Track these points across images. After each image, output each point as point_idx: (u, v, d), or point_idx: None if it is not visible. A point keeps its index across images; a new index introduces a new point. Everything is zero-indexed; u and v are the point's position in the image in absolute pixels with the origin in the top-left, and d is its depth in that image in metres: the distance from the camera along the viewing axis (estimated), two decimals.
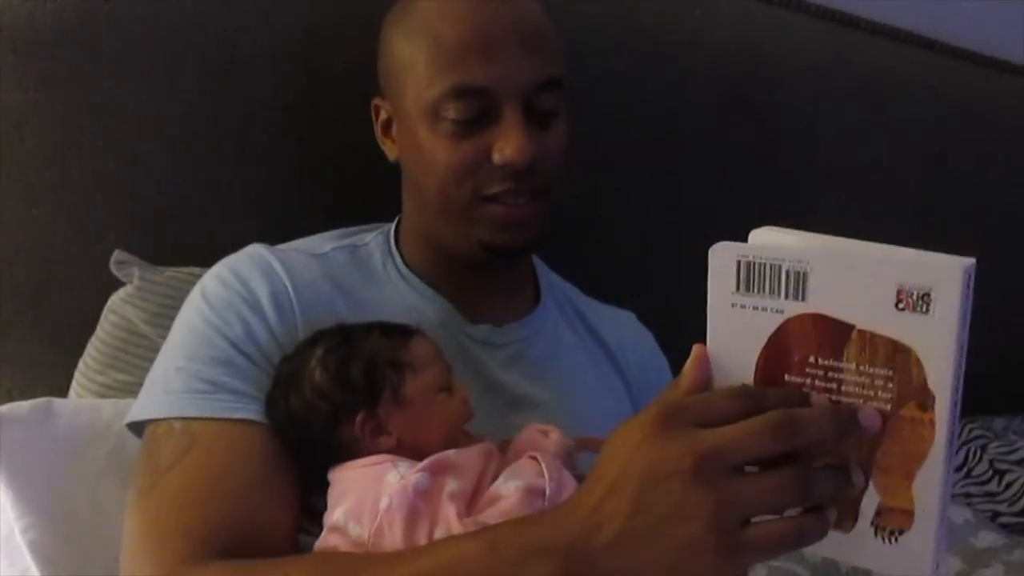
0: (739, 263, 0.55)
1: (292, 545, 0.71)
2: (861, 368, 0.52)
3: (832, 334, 0.53)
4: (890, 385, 0.52)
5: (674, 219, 1.31)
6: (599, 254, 1.21)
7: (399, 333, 0.75)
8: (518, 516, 0.62)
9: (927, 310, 0.49)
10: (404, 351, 0.73)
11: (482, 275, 0.88)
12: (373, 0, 0.88)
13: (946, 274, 0.49)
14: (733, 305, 0.55)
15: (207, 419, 0.72)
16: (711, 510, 0.49)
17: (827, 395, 0.54)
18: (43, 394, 0.89)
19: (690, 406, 0.54)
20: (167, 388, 0.74)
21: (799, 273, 0.53)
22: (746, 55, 1.36)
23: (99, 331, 0.94)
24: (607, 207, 1.24)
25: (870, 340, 0.52)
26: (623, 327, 1.01)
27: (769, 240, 0.56)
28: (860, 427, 0.52)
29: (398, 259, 0.89)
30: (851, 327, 0.52)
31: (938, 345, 0.50)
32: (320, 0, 1.03)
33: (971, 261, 0.49)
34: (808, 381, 0.54)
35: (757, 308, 0.55)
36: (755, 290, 0.54)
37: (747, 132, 1.37)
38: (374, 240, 0.91)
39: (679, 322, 1.09)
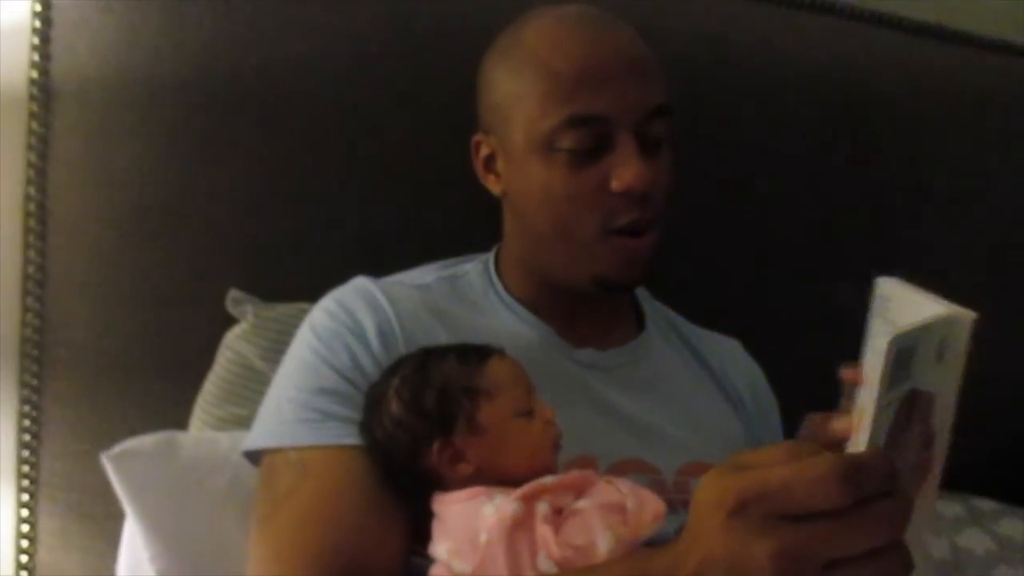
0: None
1: (405, 567, 0.72)
2: None
3: None
4: None
5: (775, 243, 1.29)
6: (692, 283, 1.20)
7: (475, 356, 0.73)
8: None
9: None
10: (478, 376, 0.72)
11: (586, 303, 0.88)
12: (468, 41, 0.91)
13: None
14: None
15: (318, 447, 0.74)
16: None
17: None
18: (165, 428, 0.93)
19: (771, 494, 0.49)
20: (280, 418, 0.77)
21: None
22: (840, 75, 1.34)
23: (216, 367, 0.98)
24: (702, 235, 1.22)
25: None
26: (727, 352, 1.00)
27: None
28: None
29: (499, 287, 0.90)
30: None
31: None
32: (420, 48, 1.07)
33: None
34: None
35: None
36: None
37: (844, 152, 1.35)
38: (474, 269, 0.92)
39: (766, 349, 1.07)
